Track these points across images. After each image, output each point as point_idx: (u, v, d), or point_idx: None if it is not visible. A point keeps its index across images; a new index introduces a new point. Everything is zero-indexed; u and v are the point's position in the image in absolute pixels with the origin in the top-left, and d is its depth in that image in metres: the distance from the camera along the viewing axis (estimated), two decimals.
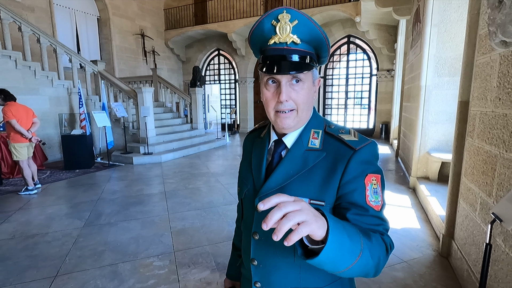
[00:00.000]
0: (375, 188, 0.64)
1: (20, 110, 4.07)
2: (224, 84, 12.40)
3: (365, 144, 0.66)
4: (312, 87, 0.68)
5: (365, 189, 0.63)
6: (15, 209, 3.60)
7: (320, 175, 0.65)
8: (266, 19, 0.62)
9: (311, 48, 0.64)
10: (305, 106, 0.67)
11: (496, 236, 1.62)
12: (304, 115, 0.69)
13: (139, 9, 10.48)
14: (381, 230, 0.63)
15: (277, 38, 0.61)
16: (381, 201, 0.64)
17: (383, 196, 0.65)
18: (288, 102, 0.64)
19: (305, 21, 0.61)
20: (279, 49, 0.62)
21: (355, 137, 0.68)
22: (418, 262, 2.35)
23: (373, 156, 0.66)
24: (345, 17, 8.64)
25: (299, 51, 0.62)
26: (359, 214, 0.62)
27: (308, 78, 0.66)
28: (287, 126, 0.67)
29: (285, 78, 0.63)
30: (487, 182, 1.75)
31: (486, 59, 1.84)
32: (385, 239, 0.62)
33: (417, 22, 4.37)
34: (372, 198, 0.63)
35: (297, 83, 0.64)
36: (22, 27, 5.91)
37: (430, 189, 3.53)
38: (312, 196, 0.65)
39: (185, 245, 2.67)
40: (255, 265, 0.71)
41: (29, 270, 2.28)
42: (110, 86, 7.43)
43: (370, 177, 0.64)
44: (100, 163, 6.23)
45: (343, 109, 9.94)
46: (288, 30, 0.60)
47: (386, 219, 0.65)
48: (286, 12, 0.60)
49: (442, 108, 3.75)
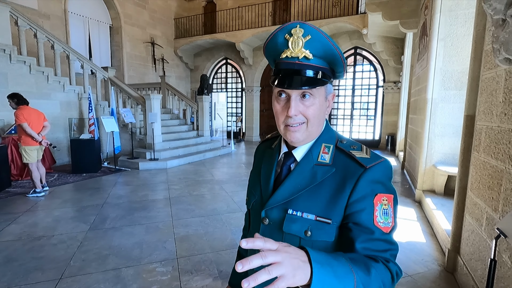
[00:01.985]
0: (385, 208, 0.61)
1: (32, 114, 4.18)
2: (231, 93, 12.53)
3: (377, 162, 0.64)
4: (324, 103, 0.67)
5: (373, 209, 0.61)
6: (23, 210, 3.66)
7: (328, 191, 0.64)
8: (280, 32, 0.62)
9: (325, 63, 0.64)
10: (315, 120, 0.66)
11: (502, 253, 1.60)
12: (314, 129, 0.68)
13: (150, 18, 10.76)
14: (388, 256, 0.59)
15: (289, 52, 0.62)
16: (391, 223, 0.61)
17: (395, 218, 0.62)
18: (298, 116, 0.64)
19: (318, 36, 0.61)
20: (291, 63, 0.62)
21: (367, 155, 0.66)
22: (423, 277, 2.32)
23: (385, 176, 0.64)
24: (352, 29, 8.73)
25: (311, 66, 0.62)
26: (367, 240, 0.59)
27: (320, 93, 0.65)
28: (296, 140, 0.67)
29: (295, 92, 0.63)
30: (493, 197, 1.74)
31: (492, 74, 1.86)
32: (391, 267, 0.58)
33: (424, 35, 4.40)
34: (381, 219, 0.60)
35: (308, 98, 0.64)
36: (37, 34, 6.11)
37: (436, 203, 3.49)
38: (319, 213, 0.64)
39: (188, 251, 2.68)
40: None
41: (34, 272, 2.31)
42: (120, 92, 7.58)
43: (381, 197, 0.62)
44: (107, 167, 6.31)
45: (349, 120, 9.93)
46: (301, 44, 0.61)
47: (394, 242, 0.62)
48: (299, 27, 0.60)
49: (449, 121, 3.74)
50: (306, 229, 0.64)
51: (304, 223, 0.64)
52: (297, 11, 9.90)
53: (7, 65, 5.51)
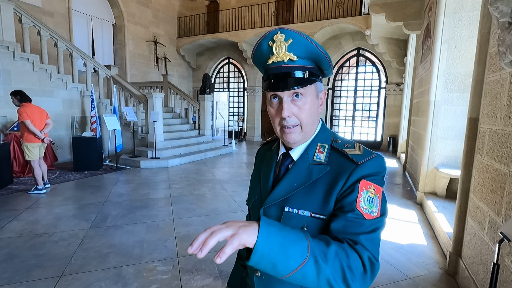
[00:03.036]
0: (371, 197, 0.61)
1: (35, 111, 4.19)
2: (233, 92, 12.54)
3: (369, 158, 0.65)
4: (316, 101, 0.70)
5: (358, 194, 0.60)
6: (24, 207, 3.67)
7: (322, 189, 0.66)
8: (263, 41, 0.65)
9: (311, 63, 0.66)
10: (309, 121, 0.68)
11: (505, 256, 1.59)
12: (309, 129, 0.70)
13: (153, 17, 10.77)
14: (360, 239, 0.57)
15: (274, 58, 0.65)
16: (376, 213, 0.60)
17: (382, 210, 0.61)
18: (291, 118, 0.66)
19: (299, 38, 0.63)
20: (278, 67, 0.65)
21: (359, 152, 0.67)
22: (424, 280, 2.31)
23: (376, 170, 0.64)
24: (355, 30, 8.71)
25: (298, 67, 0.65)
26: (344, 220, 0.58)
27: (310, 92, 0.67)
28: (292, 141, 0.69)
29: (286, 94, 0.65)
30: (496, 201, 1.73)
31: (496, 77, 1.85)
32: (360, 251, 0.55)
33: (428, 37, 4.39)
34: (364, 205, 0.59)
35: (299, 98, 0.66)
36: (41, 32, 6.13)
37: (438, 205, 3.48)
38: (314, 210, 0.65)
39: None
40: (258, 276, 0.72)
41: (35, 269, 2.32)
42: (122, 91, 7.60)
43: (367, 184, 0.62)
44: (108, 165, 6.32)
45: (351, 121, 9.92)
46: (284, 49, 0.63)
47: (375, 233, 0.59)
48: (280, 33, 0.63)
49: (452, 124, 3.72)
50: (302, 226, 0.66)
51: (300, 220, 0.66)
52: (300, 12, 9.89)
53: (10, 62, 5.53)
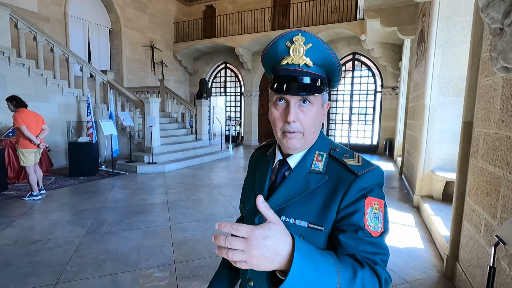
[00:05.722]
0: (376, 213, 0.61)
1: (31, 117, 4.17)
2: (230, 97, 12.56)
3: (368, 170, 0.64)
4: (321, 111, 0.69)
5: (364, 212, 0.61)
6: (19, 214, 3.62)
7: (320, 199, 0.65)
8: (281, 39, 0.63)
9: (323, 72, 0.65)
10: (311, 129, 0.67)
11: (501, 259, 1.60)
12: (310, 138, 0.69)
13: (150, 22, 10.80)
14: (377, 260, 0.58)
15: (290, 59, 0.63)
16: (381, 229, 0.61)
17: (385, 223, 0.62)
18: (295, 124, 0.65)
19: (319, 45, 0.62)
20: (291, 70, 0.63)
21: (359, 162, 0.66)
22: (422, 283, 2.31)
23: (376, 182, 0.64)
24: (350, 34, 8.81)
25: (311, 74, 0.63)
26: (356, 238, 0.59)
27: (318, 101, 0.66)
28: (293, 147, 0.67)
29: (294, 99, 0.64)
30: (491, 204, 1.74)
31: (490, 82, 1.88)
32: (379, 272, 0.56)
33: (422, 42, 4.45)
34: (371, 223, 0.60)
35: (306, 105, 0.65)
36: (37, 37, 6.11)
37: (434, 208, 3.50)
38: (311, 220, 0.64)
39: (186, 257, 2.66)
40: (251, 285, 0.71)
41: (30, 277, 2.28)
42: (118, 96, 7.58)
43: (372, 201, 0.62)
44: (105, 171, 6.28)
45: (347, 125, 9.97)
46: (302, 52, 0.62)
47: (385, 247, 0.61)
48: (301, 35, 0.61)
49: (447, 127, 3.76)
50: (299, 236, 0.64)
51: (297, 230, 0.64)
52: (296, 17, 9.99)
53: (6, 67, 5.50)
